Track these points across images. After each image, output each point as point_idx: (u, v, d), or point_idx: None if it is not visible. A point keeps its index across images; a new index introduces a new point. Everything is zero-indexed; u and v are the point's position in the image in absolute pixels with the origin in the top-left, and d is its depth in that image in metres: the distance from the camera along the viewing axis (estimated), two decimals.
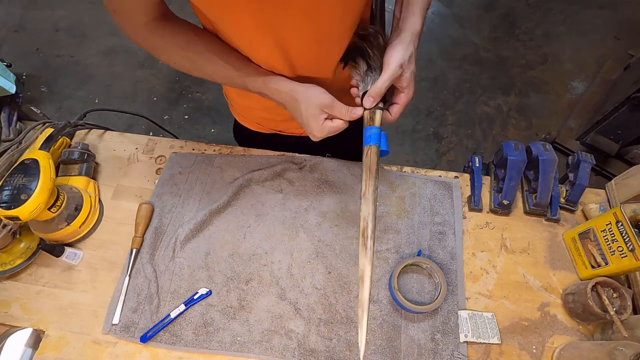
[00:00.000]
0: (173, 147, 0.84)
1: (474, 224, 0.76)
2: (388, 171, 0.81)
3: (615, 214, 0.62)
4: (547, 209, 0.75)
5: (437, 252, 0.72)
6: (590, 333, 0.65)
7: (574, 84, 2.17)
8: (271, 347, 0.63)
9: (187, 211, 0.75)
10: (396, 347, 0.63)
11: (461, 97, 2.13)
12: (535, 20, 2.46)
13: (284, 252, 0.71)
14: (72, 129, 0.85)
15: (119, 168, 0.82)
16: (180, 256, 0.70)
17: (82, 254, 0.71)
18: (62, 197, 0.67)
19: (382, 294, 0.68)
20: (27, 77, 2.17)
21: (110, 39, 2.32)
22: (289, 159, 0.81)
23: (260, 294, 0.67)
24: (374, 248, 0.50)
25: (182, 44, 0.54)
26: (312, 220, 0.74)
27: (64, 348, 0.63)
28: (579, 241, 0.70)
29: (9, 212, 0.58)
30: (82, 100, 2.11)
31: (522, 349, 0.64)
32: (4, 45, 2.33)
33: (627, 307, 0.60)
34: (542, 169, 0.72)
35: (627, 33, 2.34)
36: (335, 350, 0.63)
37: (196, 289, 0.67)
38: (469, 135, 2.00)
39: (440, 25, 2.46)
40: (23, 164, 0.63)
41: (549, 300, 0.68)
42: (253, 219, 0.75)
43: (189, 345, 0.63)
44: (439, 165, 1.90)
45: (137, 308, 0.66)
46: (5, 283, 0.68)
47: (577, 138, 1.87)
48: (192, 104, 2.10)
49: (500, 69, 2.25)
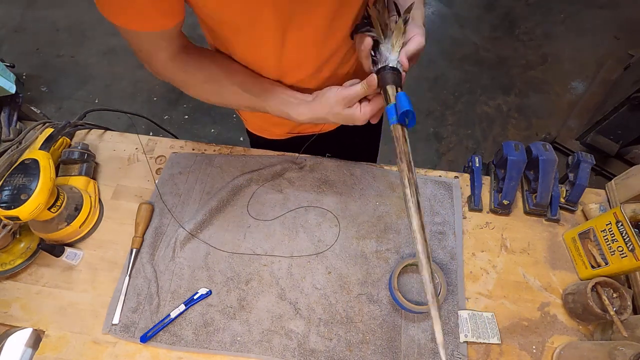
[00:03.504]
0: (173, 147, 0.84)
1: (474, 224, 0.76)
2: (388, 171, 0.81)
3: (615, 214, 0.62)
4: (547, 209, 0.75)
5: (437, 252, 0.72)
6: (590, 333, 0.65)
7: (574, 84, 2.17)
8: (271, 347, 0.63)
9: (187, 211, 0.75)
10: (396, 347, 0.63)
11: (461, 97, 2.13)
12: (535, 20, 2.46)
13: (284, 252, 0.71)
14: (72, 129, 0.85)
15: (119, 168, 0.82)
16: (180, 256, 0.70)
17: (82, 254, 0.71)
18: (62, 197, 0.67)
19: (382, 294, 0.68)
20: (27, 77, 2.18)
21: (110, 39, 2.32)
22: (289, 159, 0.81)
23: (260, 294, 0.67)
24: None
25: (205, 78, 0.56)
26: (312, 220, 0.74)
27: (64, 348, 0.63)
28: (579, 241, 0.70)
29: (9, 212, 0.58)
30: (82, 100, 2.11)
31: (522, 349, 0.64)
32: (4, 45, 2.33)
33: (627, 307, 0.60)
34: (542, 169, 0.72)
35: (627, 33, 2.34)
36: (335, 350, 0.63)
37: (196, 289, 0.67)
38: (469, 135, 2.00)
39: (440, 25, 2.46)
40: (23, 164, 0.63)
41: (549, 300, 0.68)
42: (253, 219, 0.75)
43: (189, 345, 0.63)
44: (439, 165, 1.89)
45: (137, 308, 0.66)
46: (5, 283, 0.68)
47: (577, 138, 1.87)
48: (192, 104, 2.10)
49: (500, 69, 2.25)
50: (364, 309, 0.66)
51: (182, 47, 0.54)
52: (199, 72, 0.56)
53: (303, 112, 0.56)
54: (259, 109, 0.60)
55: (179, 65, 0.54)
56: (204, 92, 0.58)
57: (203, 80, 0.56)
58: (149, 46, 0.50)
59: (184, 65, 0.54)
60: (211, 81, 0.57)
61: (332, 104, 0.53)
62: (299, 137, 0.81)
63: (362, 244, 0.72)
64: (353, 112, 0.53)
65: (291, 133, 0.81)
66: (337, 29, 0.54)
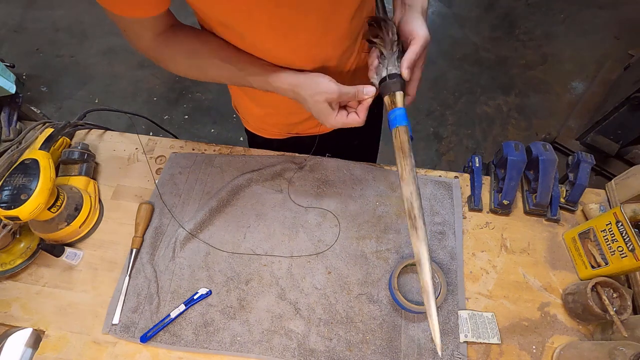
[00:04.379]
0: (173, 147, 0.84)
1: (474, 224, 0.76)
2: (388, 171, 0.81)
3: (615, 214, 0.62)
4: (547, 209, 0.75)
5: (437, 252, 0.72)
6: (590, 333, 0.65)
7: (574, 84, 2.17)
8: (271, 347, 0.63)
9: (187, 211, 0.75)
10: (396, 347, 0.63)
11: (461, 97, 2.13)
12: (535, 20, 2.46)
13: (284, 252, 0.71)
14: (72, 129, 0.85)
15: (119, 168, 0.82)
16: (180, 256, 0.70)
17: (82, 254, 0.71)
18: (62, 197, 0.67)
19: (382, 294, 0.68)
20: (27, 77, 2.18)
21: (110, 39, 2.32)
22: (289, 159, 0.81)
23: (260, 294, 0.67)
24: (425, 227, 0.48)
25: (187, 52, 0.55)
26: (312, 220, 0.74)
27: (64, 348, 0.63)
28: (579, 241, 0.70)
29: (9, 212, 0.58)
30: (82, 100, 2.11)
31: (522, 349, 0.64)
32: (4, 45, 2.33)
33: (627, 307, 0.60)
34: (542, 169, 0.72)
35: (627, 33, 2.34)
36: (335, 350, 0.63)
37: (196, 289, 0.67)
38: (469, 135, 2.00)
39: (440, 25, 2.46)
40: (23, 164, 0.63)
41: (549, 300, 0.68)
42: (253, 219, 0.75)
43: (189, 345, 0.63)
44: (439, 165, 1.89)
45: (137, 308, 0.66)
46: (5, 283, 0.68)
47: (577, 138, 1.87)
48: (192, 104, 2.10)
49: (500, 69, 2.25)
50: (364, 309, 0.66)
51: (167, 26, 0.53)
52: (182, 47, 0.55)
53: (284, 80, 0.54)
54: (240, 80, 0.58)
55: (163, 42, 0.53)
56: (186, 67, 0.57)
57: (186, 56, 0.55)
58: (136, 28, 0.50)
59: (168, 42, 0.54)
60: (194, 56, 0.55)
61: (319, 90, 0.52)
62: (298, 136, 0.81)
63: (362, 244, 0.72)
64: (331, 111, 0.53)
65: (289, 133, 0.81)
66: (331, 32, 0.54)
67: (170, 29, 0.54)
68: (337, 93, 0.52)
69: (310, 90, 0.53)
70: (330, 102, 0.53)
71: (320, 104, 0.53)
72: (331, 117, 0.53)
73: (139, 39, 0.52)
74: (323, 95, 0.52)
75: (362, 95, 0.53)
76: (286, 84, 0.54)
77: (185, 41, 0.55)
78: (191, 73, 0.58)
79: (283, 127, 0.79)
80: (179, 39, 0.54)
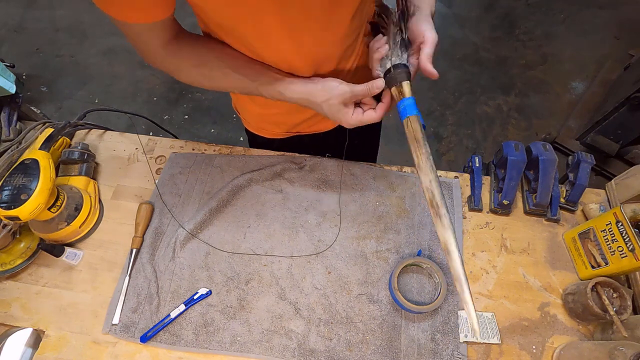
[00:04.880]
0: (173, 147, 0.84)
1: (474, 224, 0.76)
2: (388, 171, 0.81)
3: (615, 214, 0.62)
4: (547, 209, 0.75)
5: (437, 252, 0.72)
6: (590, 333, 0.65)
7: (574, 84, 2.17)
8: (271, 347, 0.63)
9: (187, 211, 0.75)
10: (396, 347, 0.63)
11: (461, 97, 2.13)
12: (535, 20, 2.46)
13: (284, 252, 0.71)
14: (72, 129, 0.85)
15: (119, 168, 0.82)
16: (180, 256, 0.70)
17: (82, 254, 0.71)
18: (62, 197, 0.67)
19: (382, 294, 0.68)
20: (27, 77, 2.18)
21: (110, 39, 2.32)
22: (289, 159, 0.81)
23: (260, 294, 0.67)
24: (449, 214, 0.47)
25: (196, 62, 0.56)
26: (312, 220, 0.74)
27: (64, 348, 0.63)
28: (579, 241, 0.70)
29: (9, 212, 0.58)
30: (82, 100, 2.11)
31: (522, 349, 0.64)
32: (4, 45, 2.33)
33: (627, 307, 0.60)
34: (542, 169, 0.72)
35: (627, 33, 2.34)
36: (335, 350, 0.63)
37: (196, 289, 0.67)
38: (469, 135, 2.00)
39: (440, 25, 2.46)
40: (23, 164, 0.63)
41: (549, 300, 0.68)
42: (253, 219, 0.75)
43: (189, 345, 0.63)
44: (439, 165, 1.89)
45: (137, 308, 0.66)
46: (5, 283, 0.68)
47: (577, 138, 1.87)
48: (192, 104, 2.10)
49: (500, 69, 2.25)
50: (364, 309, 0.66)
51: (174, 35, 0.54)
52: (191, 56, 0.55)
53: (296, 90, 0.55)
54: (251, 90, 0.58)
55: (171, 51, 0.54)
56: (196, 76, 0.58)
57: (194, 64, 0.56)
58: (144, 37, 0.51)
59: (176, 51, 0.54)
60: (202, 65, 0.56)
61: (333, 94, 0.53)
62: (298, 136, 0.81)
63: (362, 244, 0.72)
64: (347, 111, 0.54)
65: (290, 132, 0.81)
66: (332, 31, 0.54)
67: (178, 37, 0.54)
68: (350, 93, 0.52)
69: (323, 96, 0.54)
70: (344, 103, 0.53)
71: (335, 106, 0.53)
72: (348, 116, 0.54)
73: (149, 49, 0.53)
74: (338, 98, 0.53)
75: (374, 90, 0.53)
76: (298, 93, 0.55)
77: (194, 50, 0.55)
78: (202, 82, 0.59)
79: (283, 126, 0.79)
80: (187, 48, 0.55)
